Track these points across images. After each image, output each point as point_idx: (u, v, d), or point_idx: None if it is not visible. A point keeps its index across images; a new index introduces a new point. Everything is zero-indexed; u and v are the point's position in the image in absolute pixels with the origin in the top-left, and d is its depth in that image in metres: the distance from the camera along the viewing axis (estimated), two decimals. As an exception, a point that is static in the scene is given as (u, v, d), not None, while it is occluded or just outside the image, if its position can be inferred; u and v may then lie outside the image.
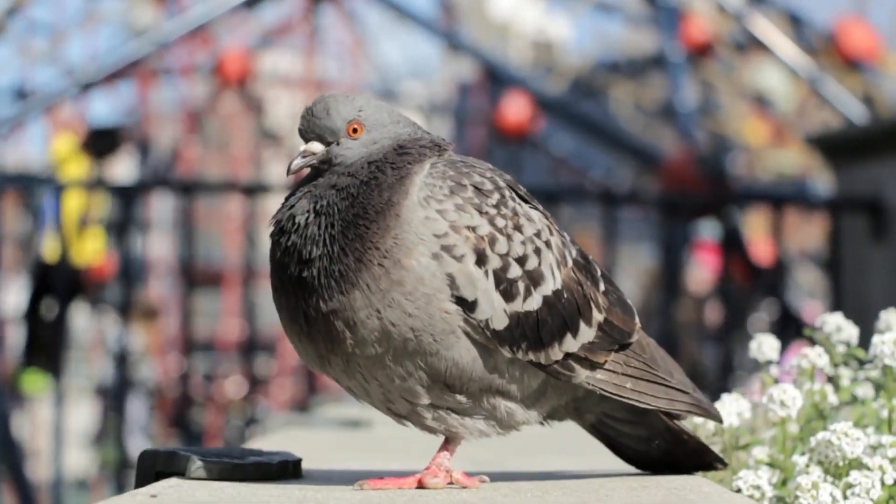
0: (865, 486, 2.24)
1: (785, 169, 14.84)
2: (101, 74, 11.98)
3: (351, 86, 16.58)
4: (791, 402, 2.42)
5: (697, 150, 11.27)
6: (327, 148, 2.18)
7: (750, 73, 13.56)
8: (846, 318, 2.67)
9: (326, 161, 2.18)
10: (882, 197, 7.51)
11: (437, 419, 2.17)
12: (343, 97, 2.20)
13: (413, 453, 2.81)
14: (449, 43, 13.48)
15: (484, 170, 2.20)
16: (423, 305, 2.09)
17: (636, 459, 2.42)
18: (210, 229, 17.41)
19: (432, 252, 2.10)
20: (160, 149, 16.13)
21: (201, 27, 12.27)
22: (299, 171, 2.19)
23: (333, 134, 2.18)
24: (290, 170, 2.18)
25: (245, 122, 17.06)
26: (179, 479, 2.23)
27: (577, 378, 2.21)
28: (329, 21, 16.13)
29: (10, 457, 9.31)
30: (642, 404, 2.27)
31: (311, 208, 2.13)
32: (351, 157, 2.17)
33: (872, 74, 11.69)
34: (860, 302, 7.33)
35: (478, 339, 2.12)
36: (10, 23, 13.78)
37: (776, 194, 10.92)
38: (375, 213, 2.10)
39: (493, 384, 2.15)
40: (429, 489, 2.16)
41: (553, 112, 12.74)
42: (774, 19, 11.83)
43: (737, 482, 2.30)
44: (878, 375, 2.53)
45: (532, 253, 2.16)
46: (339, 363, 2.14)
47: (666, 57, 12.58)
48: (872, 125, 9.44)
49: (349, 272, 2.09)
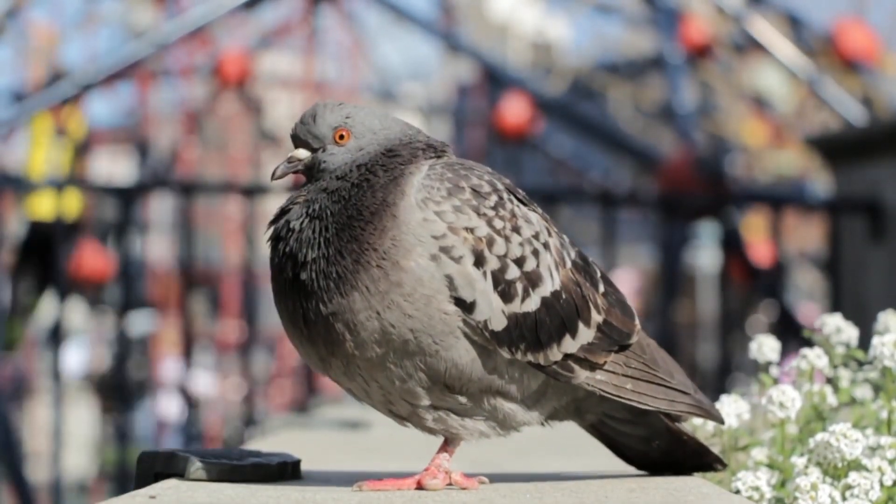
0: (864, 488, 2.24)
1: (784, 170, 14.84)
2: (101, 76, 11.98)
3: (350, 87, 16.60)
4: (790, 404, 2.42)
5: (696, 151, 11.27)
6: (313, 154, 2.21)
7: (749, 74, 13.55)
8: (845, 319, 2.67)
9: (312, 167, 2.20)
10: (881, 198, 7.51)
11: (437, 420, 2.17)
12: (333, 105, 2.23)
13: (412, 454, 2.81)
14: (448, 44, 13.47)
15: (482, 172, 2.20)
16: (422, 307, 2.09)
17: (636, 459, 2.43)
18: (209, 230, 17.42)
19: (430, 253, 2.10)
20: (159, 150, 16.12)
21: (200, 28, 12.25)
22: (283, 177, 2.23)
23: (319, 140, 2.21)
24: (274, 175, 2.23)
25: (244, 123, 17.06)
26: (178, 480, 2.23)
27: (577, 379, 2.21)
28: (328, 22, 16.13)
29: (9, 458, 9.31)
30: (642, 405, 2.27)
31: (304, 213, 2.15)
32: (335, 163, 2.19)
33: (871, 76, 11.68)
34: (859, 303, 7.33)
35: (477, 339, 2.12)
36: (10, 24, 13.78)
37: (775, 195, 10.92)
38: (371, 215, 2.11)
39: (492, 385, 2.16)
40: (428, 490, 2.16)
41: (552, 113, 12.73)
42: (773, 20, 11.83)
43: (736, 483, 2.31)
44: (878, 377, 2.53)
45: (530, 254, 2.17)
46: (339, 365, 2.14)
47: (665, 58, 12.57)
48: (871, 126, 9.44)
49: (347, 274, 2.10)
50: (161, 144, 16.29)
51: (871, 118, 10.88)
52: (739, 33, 12.17)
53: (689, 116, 11.96)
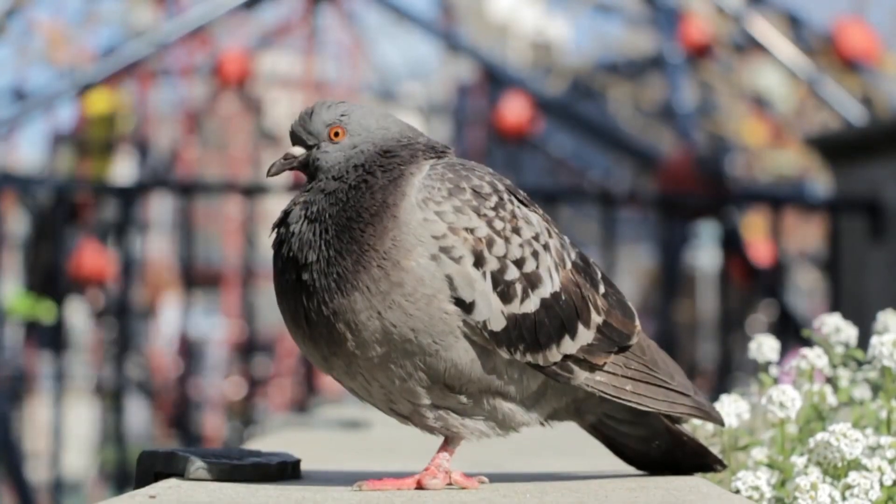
0: (864, 487, 2.24)
1: (784, 170, 14.83)
2: (101, 75, 11.98)
3: (350, 87, 16.58)
4: (790, 404, 2.42)
5: (696, 150, 11.27)
6: (308, 152, 2.21)
7: (749, 73, 13.56)
8: (844, 319, 2.67)
9: (306, 164, 2.21)
10: (880, 197, 7.51)
11: (438, 418, 2.18)
12: (330, 103, 2.24)
13: (412, 454, 2.81)
14: (448, 44, 13.47)
15: (483, 173, 2.20)
16: (423, 306, 2.09)
17: (636, 459, 2.43)
18: (209, 230, 17.42)
19: (431, 253, 2.10)
20: (159, 150, 16.11)
21: (200, 28, 12.25)
22: (279, 174, 2.24)
23: (314, 138, 2.21)
24: (270, 172, 2.23)
25: (244, 122, 17.05)
26: (178, 479, 2.23)
27: (576, 380, 2.21)
28: (328, 22, 16.11)
29: (9, 458, 9.31)
30: (643, 407, 2.27)
31: (304, 215, 2.15)
32: (329, 160, 2.19)
33: (871, 75, 11.69)
34: (858, 302, 7.33)
35: (476, 340, 2.12)
36: (10, 23, 13.77)
37: (775, 195, 10.92)
38: (371, 216, 2.11)
39: (492, 385, 2.16)
40: (427, 490, 2.16)
41: (552, 113, 12.73)
42: (773, 20, 11.83)
43: (736, 483, 2.31)
44: (877, 376, 2.53)
45: (530, 256, 2.17)
46: (340, 365, 2.15)
47: (665, 58, 12.57)
48: (871, 126, 9.45)
49: (348, 274, 2.10)
50: (161, 144, 16.28)
51: (871, 118, 10.89)
52: (739, 33, 12.17)
53: (689, 116, 11.97)
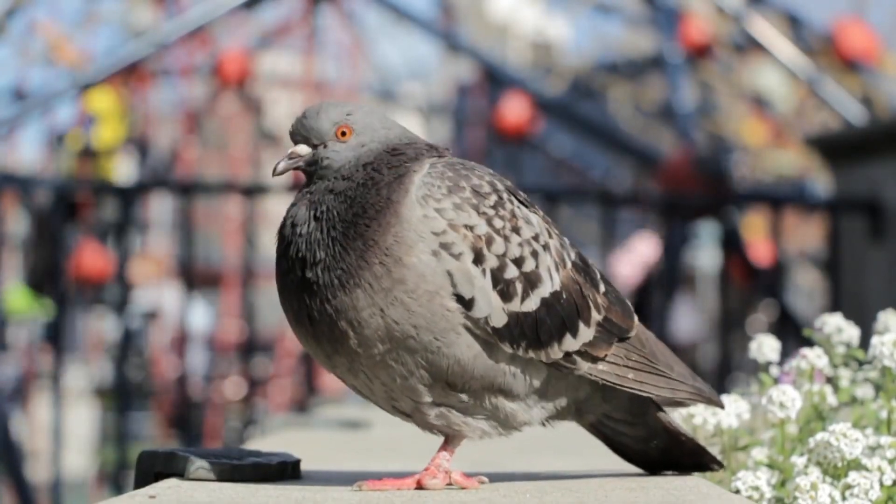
0: (864, 487, 2.24)
1: (784, 170, 14.84)
2: (101, 75, 11.97)
3: (350, 87, 16.59)
4: (790, 404, 2.42)
5: (696, 150, 11.26)
6: (314, 151, 2.20)
7: (748, 74, 13.56)
8: (845, 319, 2.67)
9: (313, 163, 2.20)
10: (880, 197, 7.51)
11: (439, 416, 2.18)
12: (335, 103, 2.23)
13: (412, 454, 2.81)
14: (448, 44, 13.47)
15: (483, 173, 2.21)
16: (425, 303, 2.10)
17: (635, 459, 2.43)
18: (209, 230, 17.42)
19: (431, 249, 2.11)
20: (159, 150, 16.12)
21: (200, 28, 12.25)
22: (285, 173, 2.22)
23: (321, 137, 2.20)
24: (275, 171, 2.21)
25: (244, 122, 17.06)
26: (178, 479, 2.23)
27: (580, 370, 2.22)
28: (328, 22, 16.12)
29: (9, 458, 9.31)
30: (645, 393, 2.28)
31: (311, 215, 2.15)
32: (338, 159, 2.19)
33: (871, 75, 11.69)
34: (858, 302, 7.33)
35: (479, 335, 2.13)
36: (10, 24, 13.77)
37: (775, 195, 10.91)
38: (375, 212, 2.12)
39: (494, 382, 2.16)
40: (427, 490, 2.16)
41: (552, 113, 12.73)
42: (773, 20, 11.83)
43: (736, 483, 2.31)
44: (877, 376, 2.53)
45: (529, 255, 2.17)
46: (343, 363, 2.15)
47: (665, 58, 12.57)
48: (871, 126, 9.44)
49: (351, 271, 2.10)
50: (161, 144, 16.29)
51: (871, 118, 10.89)
52: (739, 33, 12.17)
53: (689, 116, 11.96)
